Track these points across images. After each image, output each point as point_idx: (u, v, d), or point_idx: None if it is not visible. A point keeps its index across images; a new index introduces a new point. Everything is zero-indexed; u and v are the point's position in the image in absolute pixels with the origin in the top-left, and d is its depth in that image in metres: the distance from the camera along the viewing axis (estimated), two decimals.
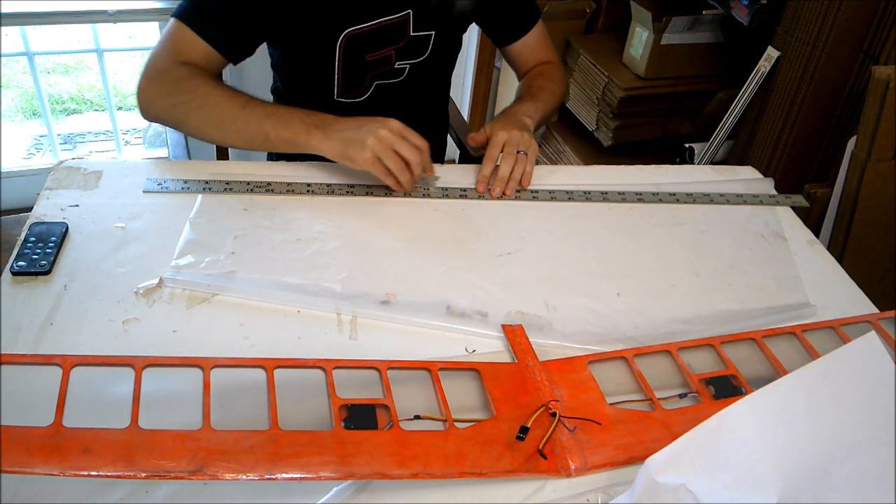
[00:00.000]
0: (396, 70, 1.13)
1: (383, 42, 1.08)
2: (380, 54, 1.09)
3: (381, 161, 0.92)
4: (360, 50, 1.08)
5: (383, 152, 0.91)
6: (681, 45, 1.86)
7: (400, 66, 1.12)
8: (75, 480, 0.59)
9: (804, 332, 0.81)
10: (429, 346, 0.76)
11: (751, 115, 1.70)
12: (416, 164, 0.93)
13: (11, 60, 2.56)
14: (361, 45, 1.07)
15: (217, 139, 1.00)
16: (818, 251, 0.98)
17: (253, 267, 0.84)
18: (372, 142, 0.91)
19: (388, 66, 1.12)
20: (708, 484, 0.57)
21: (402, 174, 0.93)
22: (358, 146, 0.91)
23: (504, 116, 1.08)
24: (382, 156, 0.91)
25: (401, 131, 0.93)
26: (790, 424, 0.60)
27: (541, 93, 1.16)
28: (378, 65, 1.11)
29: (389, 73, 1.13)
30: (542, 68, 1.23)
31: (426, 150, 0.95)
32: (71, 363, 0.62)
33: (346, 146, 0.92)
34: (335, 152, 0.93)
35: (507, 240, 0.93)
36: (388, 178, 0.94)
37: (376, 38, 1.08)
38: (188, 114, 0.95)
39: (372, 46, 1.08)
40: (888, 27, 1.45)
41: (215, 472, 0.57)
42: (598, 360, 0.75)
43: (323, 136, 0.93)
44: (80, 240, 0.86)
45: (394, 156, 0.92)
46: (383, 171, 0.93)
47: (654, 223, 0.99)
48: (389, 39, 1.09)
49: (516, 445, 0.64)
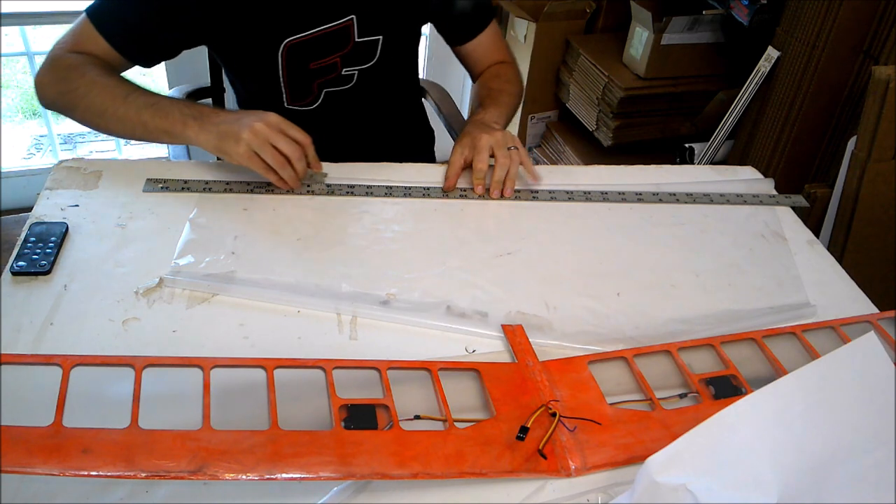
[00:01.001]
0: (344, 77, 1.10)
1: (327, 50, 1.06)
2: (324, 62, 1.07)
3: (257, 155, 0.89)
4: (303, 58, 1.06)
5: (260, 147, 0.89)
6: (681, 45, 1.86)
7: (347, 73, 1.10)
8: (75, 480, 0.59)
9: (804, 332, 0.81)
10: (429, 346, 0.76)
11: (751, 115, 1.71)
12: (296, 159, 0.91)
13: (11, 60, 2.56)
14: (304, 53, 1.05)
15: (101, 127, 0.97)
16: (818, 251, 0.98)
17: (253, 267, 0.84)
18: (247, 135, 0.88)
19: (335, 73, 1.09)
20: (708, 484, 0.57)
21: (282, 169, 0.91)
22: (232, 140, 0.89)
23: (471, 126, 1.05)
24: (259, 150, 0.89)
25: (279, 125, 0.90)
26: (790, 424, 0.60)
27: (501, 96, 1.14)
28: (323, 72, 1.08)
29: (337, 80, 1.10)
30: (498, 69, 1.21)
31: (308, 144, 0.92)
32: (71, 363, 0.62)
33: (221, 139, 0.90)
34: (211, 145, 0.91)
35: (507, 240, 0.93)
36: (268, 173, 0.91)
37: (319, 46, 1.05)
38: (75, 101, 0.95)
39: (315, 55, 1.06)
40: (888, 27, 1.45)
41: (215, 472, 0.57)
42: (598, 360, 0.75)
43: (199, 128, 0.91)
44: (80, 240, 0.86)
45: (271, 150, 0.89)
46: (261, 165, 0.90)
47: (654, 223, 0.99)
48: (333, 47, 1.06)
49: (516, 445, 0.64)
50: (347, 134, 1.18)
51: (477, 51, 1.21)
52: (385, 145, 1.22)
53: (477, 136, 1.00)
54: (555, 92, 2.19)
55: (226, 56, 1.11)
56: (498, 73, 1.20)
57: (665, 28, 1.80)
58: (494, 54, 1.22)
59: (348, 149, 1.13)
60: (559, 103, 2.20)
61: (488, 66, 1.22)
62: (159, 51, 1.02)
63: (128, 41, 0.99)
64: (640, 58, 1.88)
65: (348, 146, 1.16)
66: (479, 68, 1.22)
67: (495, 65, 1.21)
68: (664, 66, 1.88)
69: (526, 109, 2.21)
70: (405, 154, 1.15)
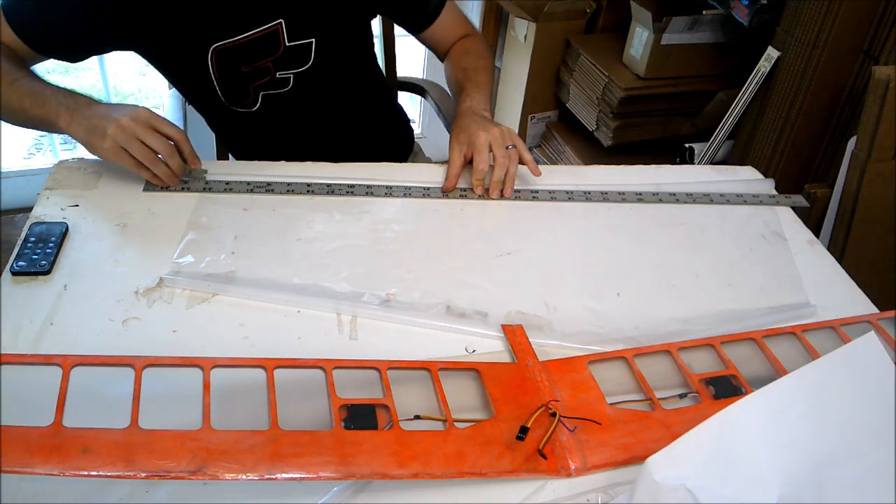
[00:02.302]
0: (279, 80, 1.07)
1: (257, 55, 1.03)
2: (256, 66, 1.04)
3: (125, 151, 0.87)
4: (233, 63, 1.03)
5: (126, 142, 0.87)
6: (681, 45, 1.85)
7: (283, 77, 1.07)
8: (75, 480, 0.59)
9: (804, 332, 0.80)
10: (429, 346, 0.76)
11: (751, 115, 1.70)
12: (167, 155, 0.90)
13: None
14: (233, 58, 1.02)
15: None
16: (818, 251, 0.98)
17: (253, 267, 0.84)
18: (112, 131, 0.86)
19: (269, 76, 1.06)
20: (708, 484, 0.57)
21: (154, 166, 0.89)
22: (99, 135, 0.87)
23: (464, 119, 1.03)
24: (126, 146, 0.87)
25: (148, 120, 0.88)
26: (790, 424, 0.60)
27: (477, 74, 1.11)
28: (257, 76, 1.06)
29: (272, 83, 1.07)
30: (465, 44, 1.18)
31: (181, 139, 0.91)
32: (71, 363, 0.62)
33: (88, 134, 0.88)
34: (80, 138, 0.89)
35: (507, 240, 0.93)
36: (139, 169, 0.90)
37: (248, 51, 1.02)
38: None
39: (245, 59, 1.03)
40: (888, 27, 1.45)
41: (215, 472, 0.57)
42: (598, 360, 0.75)
43: (70, 120, 0.89)
44: (80, 240, 0.86)
45: (139, 145, 0.87)
46: (130, 161, 0.88)
47: (654, 223, 0.99)
48: (263, 52, 1.03)
49: (516, 445, 0.64)
50: (292, 134, 1.15)
51: (438, 32, 1.18)
52: (341, 143, 1.19)
53: (475, 134, 0.99)
54: (555, 92, 2.18)
55: (157, 61, 1.07)
56: (466, 48, 1.18)
57: (665, 28, 1.80)
58: (457, 30, 1.19)
59: (296, 148, 1.10)
60: (559, 103, 2.20)
61: (452, 43, 1.19)
62: (74, 46, 1.00)
63: (35, 32, 0.96)
64: (640, 58, 1.88)
65: (295, 146, 1.13)
66: (444, 48, 1.21)
67: (460, 40, 1.19)
68: (664, 66, 1.87)
69: (526, 109, 2.21)
70: (371, 150, 1.13)
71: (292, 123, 1.08)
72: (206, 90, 1.07)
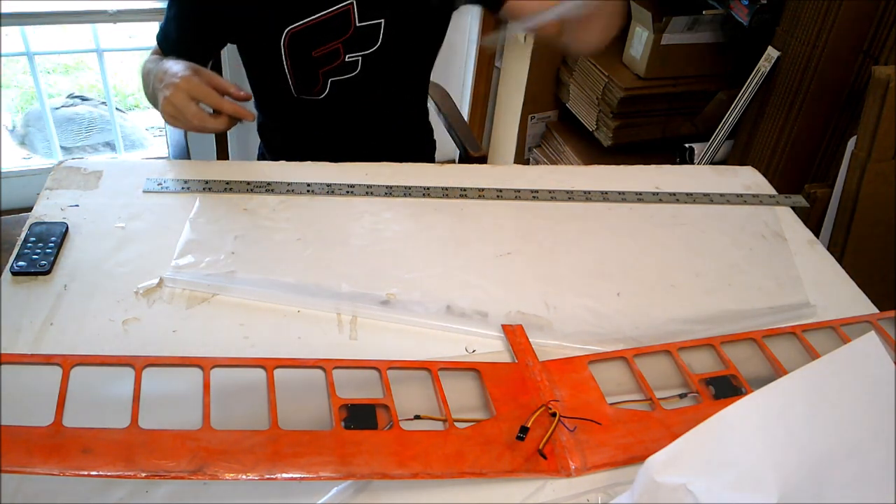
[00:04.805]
0: (348, 64, 1.08)
1: (328, 36, 1.05)
2: (326, 49, 1.06)
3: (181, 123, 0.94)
4: (305, 47, 1.06)
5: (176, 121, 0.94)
6: (681, 45, 1.85)
7: (351, 60, 1.08)
8: (75, 480, 0.59)
9: (804, 332, 0.81)
10: (429, 346, 0.76)
11: (751, 115, 1.70)
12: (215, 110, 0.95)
13: (11, 60, 2.56)
14: (306, 41, 1.05)
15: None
16: (818, 251, 0.98)
17: (253, 267, 0.84)
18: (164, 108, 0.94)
19: (338, 60, 1.08)
20: (708, 484, 0.57)
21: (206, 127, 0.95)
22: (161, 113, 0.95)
23: None
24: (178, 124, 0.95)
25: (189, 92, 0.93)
26: (790, 424, 0.60)
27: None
28: (327, 60, 1.08)
29: (341, 68, 1.09)
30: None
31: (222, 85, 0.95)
32: (71, 363, 0.62)
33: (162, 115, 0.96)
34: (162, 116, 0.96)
35: (507, 240, 0.93)
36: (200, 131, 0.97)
37: (320, 33, 1.05)
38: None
39: (317, 42, 1.05)
40: (888, 27, 1.45)
41: (215, 472, 0.57)
42: (598, 360, 0.75)
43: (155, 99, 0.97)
44: (80, 240, 0.86)
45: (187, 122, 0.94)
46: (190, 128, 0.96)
47: (654, 223, 0.99)
48: (334, 33, 1.05)
49: (516, 445, 0.64)
50: (355, 125, 1.18)
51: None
52: (388, 140, 1.21)
53: None
54: (555, 92, 2.18)
55: (243, 54, 1.14)
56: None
57: (665, 28, 1.80)
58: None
59: (355, 141, 1.13)
60: (559, 103, 2.20)
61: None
62: (201, 57, 1.07)
63: (170, 48, 1.07)
64: (640, 58, 1.88)
65: (355, 138, 1.16)
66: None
67: None
68: (664, 66, 1.87)
69: (526, 109, 2.21)
70: (406, 151, 1.14)
71: (356, 111, 1.10)
72: (276, 78, 1.11)
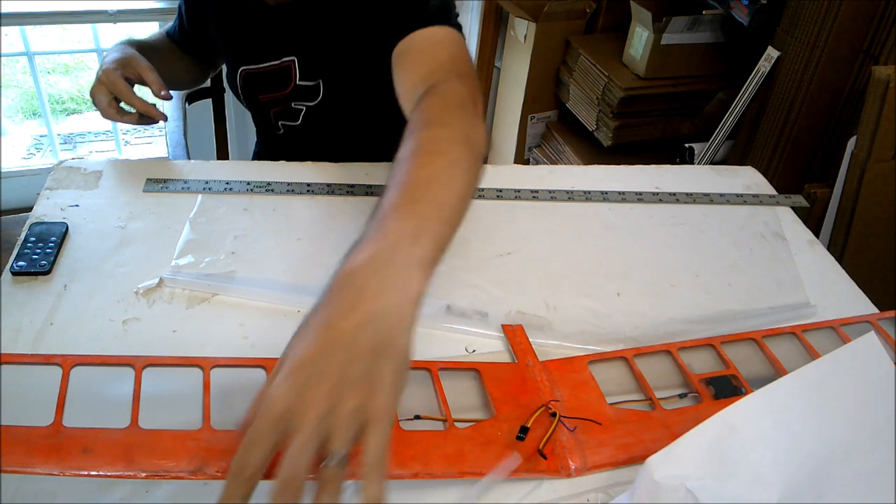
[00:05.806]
0: (294, 111, 1.10)
1: (274, 85, 1.08)
2: (272, 96, 1.09)
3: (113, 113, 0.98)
4: (254, 88, 1.10)
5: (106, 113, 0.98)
6: (681, 45, 1.86)
7: (296, 108, 1.09)
8: (75, 480, 0.59)
9: (804, 332, 0.80)
10: (429, 346, 0.76)
11: (751, 115, 1.71)
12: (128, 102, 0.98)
13: (11, 60, 2.56)
14: (255, 84, 1.09)
15: None
16: (818, 251, 0.98)
17: (253, 267, 0.84)
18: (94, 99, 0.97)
19: (284, 105, 1.10)
20: (708, 484, 0.57)
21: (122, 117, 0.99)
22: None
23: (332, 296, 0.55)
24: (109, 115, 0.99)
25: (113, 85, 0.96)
26: (790, 424, 0.60)
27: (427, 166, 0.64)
28: (275, 104, 1.10)
29: (287, 112, 1.10)
30: (444, 88, 0.73)
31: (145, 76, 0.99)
32: (71, 363, 0.62)
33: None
34: None
35: (507, 240, 0.93)
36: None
37: (267, 81, 1.08)
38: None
39: (264, 87, 1.09)
40: (888, 27, 1.45)
41: (215, 472, 0.56)
42: (598, 360, 0.75)
43: None
44: (80, 240, 0.86)
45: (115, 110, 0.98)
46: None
47: (654, 223, 0.99)
48: (278, 84, 1.07)
49: (516, 445, 0.64)
50: (331, 148, 1.15)
51: (406, 57, 0.84)
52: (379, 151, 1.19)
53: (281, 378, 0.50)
54: (555, 92, 2.19)
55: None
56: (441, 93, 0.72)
57: (665, 28, 1.80)
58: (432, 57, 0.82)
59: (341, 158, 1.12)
60: (559, 103, 2.20)
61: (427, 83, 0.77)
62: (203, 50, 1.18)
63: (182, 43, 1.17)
64: (640, 58, 1.88)
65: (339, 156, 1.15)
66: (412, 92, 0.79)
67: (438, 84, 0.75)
68: (664, 66, 1.88)
69: (526, 109, 2.21)
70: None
71: (307, 153, 1.10)
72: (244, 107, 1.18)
